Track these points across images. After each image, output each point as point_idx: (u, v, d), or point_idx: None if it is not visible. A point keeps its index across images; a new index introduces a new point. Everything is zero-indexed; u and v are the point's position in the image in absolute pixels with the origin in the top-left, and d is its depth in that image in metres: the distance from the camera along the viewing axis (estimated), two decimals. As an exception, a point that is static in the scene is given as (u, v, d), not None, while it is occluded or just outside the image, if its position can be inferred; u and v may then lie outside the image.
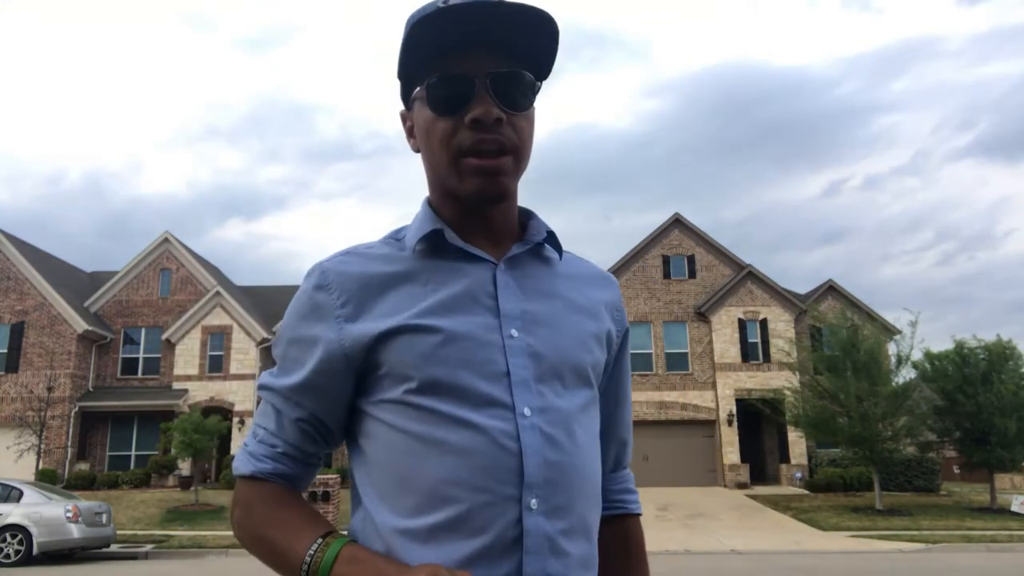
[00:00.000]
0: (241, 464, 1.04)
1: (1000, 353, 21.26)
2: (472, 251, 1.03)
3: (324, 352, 1.00)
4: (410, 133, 1.10)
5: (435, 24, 0.95)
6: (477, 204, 1.03)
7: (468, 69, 0.98)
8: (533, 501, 0.93)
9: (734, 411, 28.44)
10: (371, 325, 0.99)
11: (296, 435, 1.03)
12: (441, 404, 0.95)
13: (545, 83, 1.06)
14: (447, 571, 0.83)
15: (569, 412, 0.99)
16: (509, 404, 0.95)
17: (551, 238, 1.08)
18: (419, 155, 1.09)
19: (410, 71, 1.03)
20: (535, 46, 1.00)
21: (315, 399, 1.02)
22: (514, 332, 0.99)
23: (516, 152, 1.00)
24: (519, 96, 1.00)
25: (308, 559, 0.92)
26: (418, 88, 1.03)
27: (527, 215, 1.11)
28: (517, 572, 0.91)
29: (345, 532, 1.00)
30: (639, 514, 1.23)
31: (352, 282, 1.01)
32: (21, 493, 14.55)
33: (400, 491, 0.96)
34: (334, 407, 1.03)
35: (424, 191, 1.12)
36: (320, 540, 0.93)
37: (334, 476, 16.76)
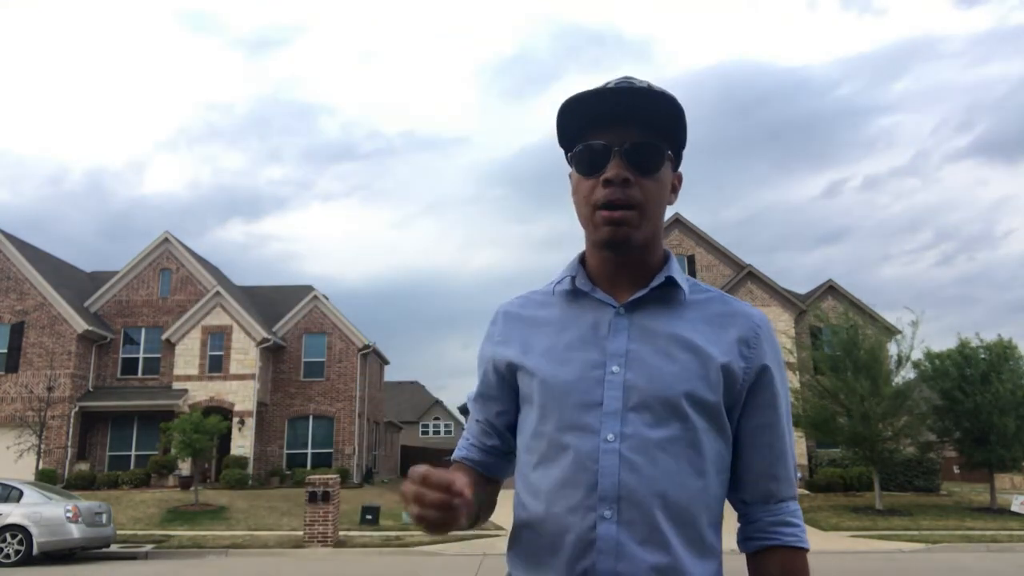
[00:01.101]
0: (453, 453, 1.42)
1: (1000, 353, 21.25)
2: (598, 296, 1.26)
3: (486, 366, 1.36)
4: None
5: (583, 104, 1.22)
6: (608, 250, 1.24)
7: (608, 140, 1.21)
8: (607, 512, 1.14)
9: (734, 411, 28.38)
10: (510, 352, 1.31)
11: (477, 432, 1.39)
12: (548, 426, 1.21)
13: (546, 83, 1.19)
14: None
15: (654, 440, 1.16)
16: (596, 430, 1.17)
17: (669, 282, 1.25)
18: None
19: (566, 140, 1.27)
20: (665, 121, 1.23)
21: (484, 406, 1.38)
22: (615, 368, 1.20)
23: (641, 208, 1.21)
24: (647, 162, 1.22)
25: None
26: (570, 154, 1.27)
27: (666, 258, 1.30)
28: (592, 568, 1.13)
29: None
30: (797, 547, 1.24)
31: (510, 318, 1.35)
32: (21, 493, 14.54)
33: (524, 490, 1.25)
34: (498, 414, 1.36)
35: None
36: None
37: (334, 477, 16.75)
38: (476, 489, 1.22)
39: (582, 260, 1.32)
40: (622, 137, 1.20)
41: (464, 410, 1.65)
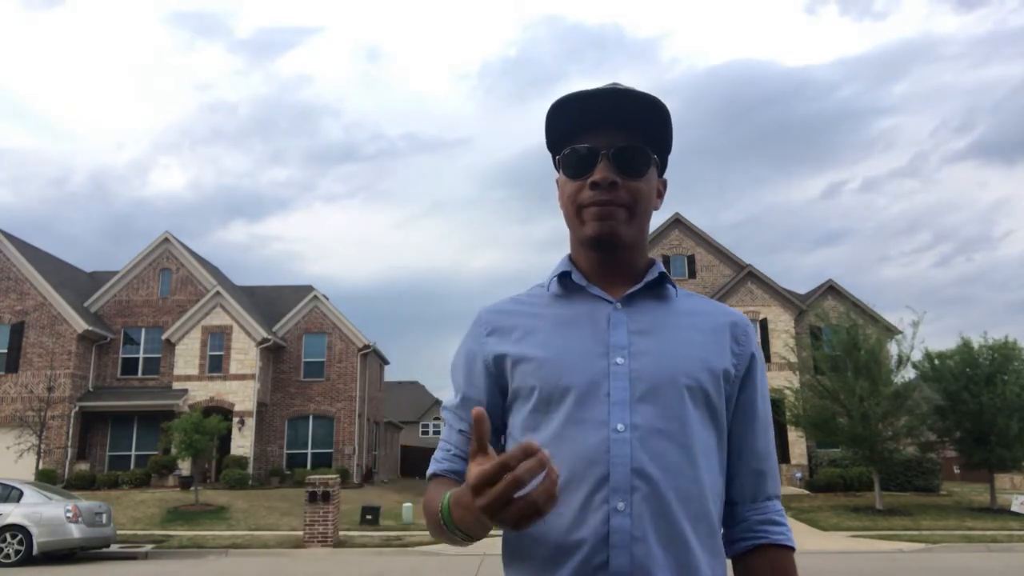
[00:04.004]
0: (429, 469, 1.31)
1: (1005, 354, 21.20)
2: (594, 291, 1.24)
3: (472, 363, 1.28)
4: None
5: (570, 108, 1.21)
6: (595, 247, 1.23)
7: (595, 143, 1.21)
8: (620, 504, 1.09)
9: (734, 411, 28.38)
10: (504, 345, 1.24)
11: (460, 440, 1.28)
12: (551, 421, 1.16)
13: (548, 85, 1.22)
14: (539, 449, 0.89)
15: (664, 430, 1.13)
16: (605, 421, 1.13)
17: (662, 278, 1.26)
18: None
19: (552, 143, 1.27)
20: (651, 125, 1.23)
21: (469, 413, 1.26)
22: (619, 360, 1.17)
23: (629, 208, 1.21)
24: (634, 165, 1.21)
25: (440, 509, 1.07)
26: (558, 157, 1.27)
27: (651, 263, 1.30)
28: (605, 563, 1.07)
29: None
30: (785, 545, 1.21)
31: (497, 316, 1.29)
32: (21, 493, 14.53)
33: None
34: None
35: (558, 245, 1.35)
36: (448, 494, 1.07)
37: (334, 477, 16.75)
38: None
39: (571, 260, 1.30)
40: (609, 141, 1.20)
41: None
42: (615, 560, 1.07)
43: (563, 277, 1.27)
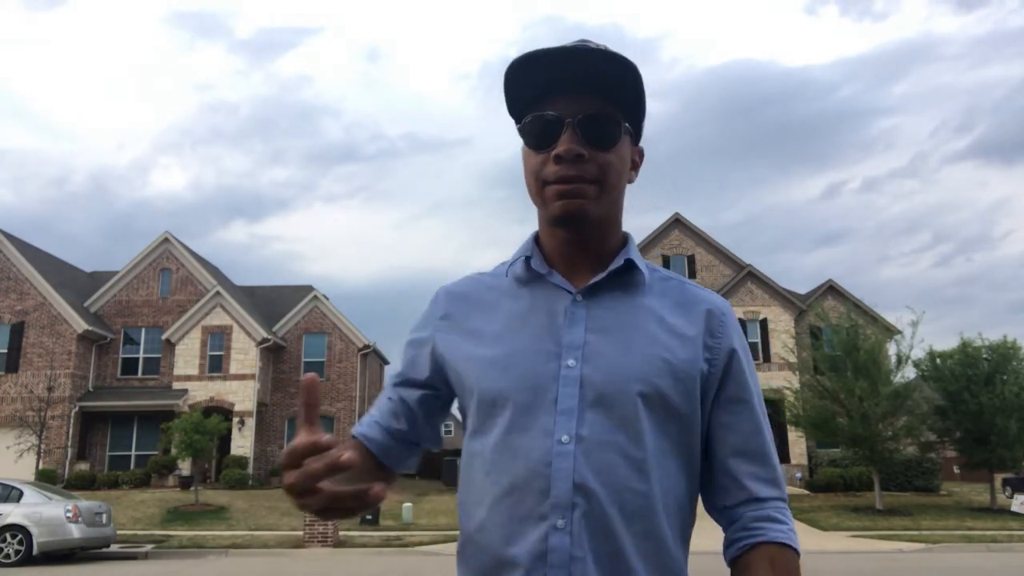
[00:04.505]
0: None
1: (1004, 353, 21.21)
2: (554, 280, 1.13)
3: (419, 349, 1.21)
4: None
5: (530, 70, 1.07)
6: (562, 226, 1.11)
7: (560, 110, 1.08)
8: (560, 521, 1.01)
9: (734, 411, 28.38)
10: (453, 339, 1.16)
11: (386, 411, 1.21)
12: (495, 427, 1.08)
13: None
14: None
15: (612, 442, 1.03)
16: (551, 430, 1.04)
17: (629, 264, 1.13)
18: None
19: (515, 110, 1.14)
20: (622, 89, 1.09)
21: (404, 389, 1.21)
22: (571, 362, 1.07)
23: (599, 183, 1.08)
24: (603, 136, 1.08)
25: None
26: (519, 125, 1.14)
27: (624, 242, 1.18)
28: None
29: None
30: (786, 543, 1.07)
31: (455, 299, 1.20)
32: (21, 493, 14.54)
33: (469, 498, 1.12)
34: (421, 399, 1.21)
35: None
36: None
37: (334, 476, 16.73)
38: (363, 474, 1.10)
39: (537, 240, 1.18)
40: (576, 107, 1.07)
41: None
42: None
43: (525, 261, 1.16)
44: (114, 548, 15.73)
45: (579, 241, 1.13)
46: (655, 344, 1.09)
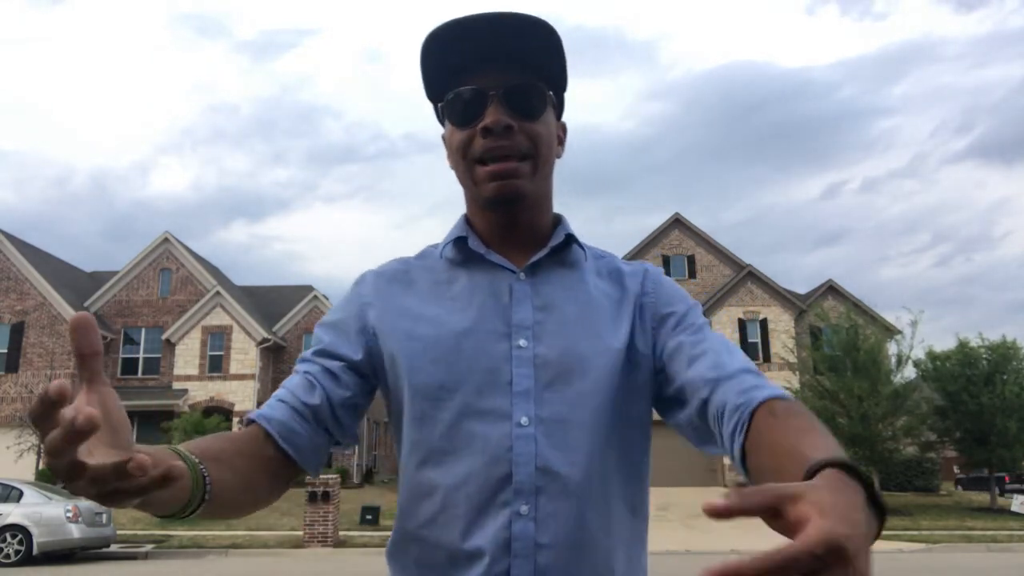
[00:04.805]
0: None
1: (1004, 353, 21.22)
2: (493, 259, 1.08)
3: (345, 327, 1.08)
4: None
5: (445, 44, 1.03)
6: (495, 207, 1.07)
7: (481, 83, 1.03)
8: (523, 508, 0.96)
9: (734, 411, 28.41)
10: (388, 318, 1.07)
11: (297, 385, 1.04)
12: (444, 413, 1.00)
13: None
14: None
15: (573, 421, 1.00)
16: (508, 413, 0.99)
17: (569, 240, 1.11)
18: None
19: (433, 90, 1.09)
20: (543, 58, 1.06)
21: (328, 357, 1.06)
22: (522, 342, 1.03)
23: (531, 157, 1.05)
24: (530, 105, 1.04)
25: None
26: (440, 105, 1.09)
27: (557, 221, 1.15)
28: (506, 573, 0.95)
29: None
30: (777, 396, 0.87)
31: (382, 280, 1.11)
32: (21, 493, 14.54)
33: (412, 494, 1.03)
34: (345, 368, 1.05)
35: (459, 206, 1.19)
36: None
37: (334, 476, 16.74)
38: (240, 460, 0.91)
39: (467, 221, 1.13)
40: (497, 79, 1.03)
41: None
42: (516, 570, 0.95)
43: (459, 242, 1.10)
44: (114, 548, 15.73)
45: (513, 221, 1.09)
46: (603, 318, 1.06)
